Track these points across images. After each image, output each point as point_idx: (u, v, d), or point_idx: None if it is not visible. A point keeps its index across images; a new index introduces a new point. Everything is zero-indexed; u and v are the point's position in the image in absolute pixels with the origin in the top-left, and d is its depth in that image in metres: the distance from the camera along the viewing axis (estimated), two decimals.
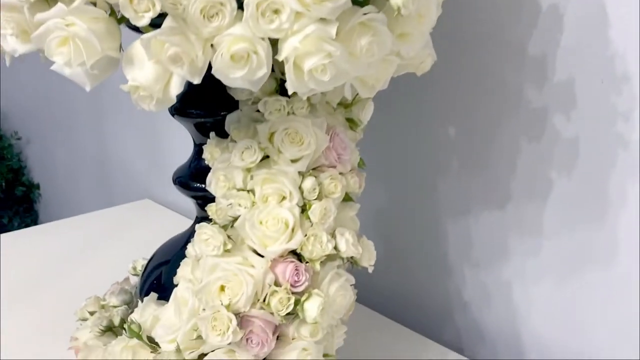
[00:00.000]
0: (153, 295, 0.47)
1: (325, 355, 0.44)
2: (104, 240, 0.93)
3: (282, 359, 0.42)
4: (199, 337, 0.40)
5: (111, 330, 0.53)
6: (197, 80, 0.34)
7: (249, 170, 0.44)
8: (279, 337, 0.43)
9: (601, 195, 0.54)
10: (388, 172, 0.72)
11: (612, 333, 0.56)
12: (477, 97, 0.61)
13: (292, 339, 0.42)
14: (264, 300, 0.41)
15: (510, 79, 0.58)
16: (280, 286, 0.41)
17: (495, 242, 0.64)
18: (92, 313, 0.56)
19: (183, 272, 0.45)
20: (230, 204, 0.44)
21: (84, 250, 0.89)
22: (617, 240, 0.54)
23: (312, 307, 0.41)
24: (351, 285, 0.46)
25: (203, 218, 0.49)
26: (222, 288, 0.41)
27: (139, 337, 0.44)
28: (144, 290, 0.54)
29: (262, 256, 0.42)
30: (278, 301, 0.40)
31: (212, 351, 0.41)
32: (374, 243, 0.48)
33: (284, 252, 0.42)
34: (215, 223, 0.44)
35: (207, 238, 0.42)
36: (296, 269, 0.42)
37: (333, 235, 0.44)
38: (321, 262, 0.43)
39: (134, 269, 0.63)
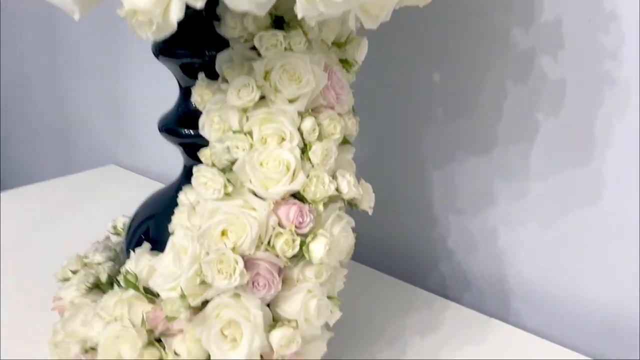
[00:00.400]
0: (146, 245, 0.45)
1: (328, 297, 0.44)
2: (68, 208, 0.89)
3: (288, 301, 0.41)
4: (203, 282, 0.39)
5: (98, 287, 0.51)
6: (199, 5, 0.32)
7: (245, 110, 0.42)
8: (283, 280, 0.41)
9: (588, 135, 0.55)
10: (371, 118, 0.71)
11: (599, 273, 0.58)
12: (463, 40, 0.61)
13: (297, 281, 0.42)
14: (269, 243, 0.40)
15: (497, 21, 0.58)
16: (284, 228, 0.40)
17: (481, 187, 0.64)
18: (74, 272, 0.53)
19: (179, 220, 0.43)
20: (227, 147, 0.42)
21: (48, 218, 0.85)
22: (603, 179, 0.55)
23: (318, 248, 0.40)
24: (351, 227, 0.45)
25: (191, 167, 0.47)
26: (224, 232, 0.39)
27: (136, 288, 0.42)
28: (131, 247, 0.51)
29: (263, 199, 0.41)
30: (284, 242, 0.39)
31: (218, 296, 0.39)
32: None
33: (286, 194, 0.41)
34: (214, 166, 0.42)
35: (206, 181, 0.40)
36: (300, 211, 0.40)
37: (334, 177, 0.43)
38: (324, 203, 0.42)
39: (114, 227, 0.61)
